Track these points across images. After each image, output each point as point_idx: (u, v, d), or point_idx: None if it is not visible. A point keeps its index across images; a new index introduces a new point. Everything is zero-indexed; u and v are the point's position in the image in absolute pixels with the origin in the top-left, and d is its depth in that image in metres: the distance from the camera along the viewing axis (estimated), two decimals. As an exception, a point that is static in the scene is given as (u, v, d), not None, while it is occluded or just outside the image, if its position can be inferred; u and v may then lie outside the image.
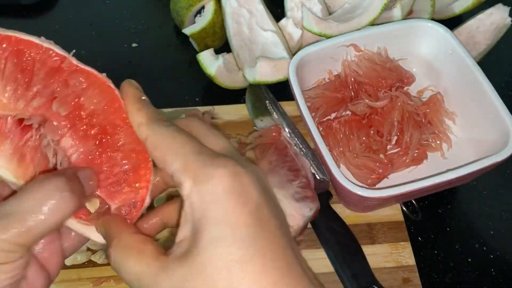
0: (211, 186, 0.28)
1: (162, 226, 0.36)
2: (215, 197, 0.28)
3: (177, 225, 0.30)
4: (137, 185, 0.34)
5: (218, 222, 0.27)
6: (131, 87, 0.34)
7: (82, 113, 0.34)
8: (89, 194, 0.33)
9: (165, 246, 0.30)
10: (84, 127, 0.34)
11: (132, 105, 0.33)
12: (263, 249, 0.27)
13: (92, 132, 0.34)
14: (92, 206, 0.34)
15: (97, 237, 0.34)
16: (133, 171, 0.34)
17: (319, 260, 0.54)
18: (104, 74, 0.34)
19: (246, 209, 0.28)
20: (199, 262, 0.27)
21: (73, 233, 0.35)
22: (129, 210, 0.34)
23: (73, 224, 0.34)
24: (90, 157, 0.34)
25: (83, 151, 0.34)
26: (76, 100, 0.34)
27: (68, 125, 0.34)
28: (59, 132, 0.34)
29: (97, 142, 0.34)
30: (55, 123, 0.33)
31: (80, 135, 0.34)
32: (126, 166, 0.34)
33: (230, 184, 0.28)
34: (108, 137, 0.34)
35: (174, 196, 0.56)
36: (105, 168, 0.34)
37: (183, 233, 0.29)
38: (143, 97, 0.33)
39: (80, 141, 0.34)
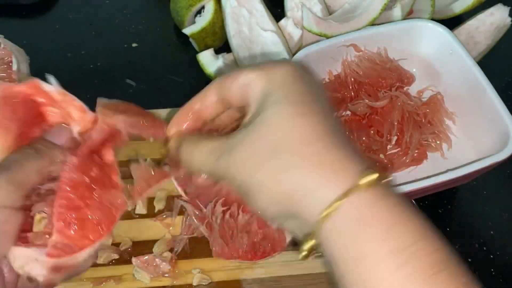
0: (278, 70, 0.33)
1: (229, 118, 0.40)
2: (281, 76, 0.33)
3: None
4: (90, 236, 0.36)
5: (280, 90, 0.32)
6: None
7: None
8: None
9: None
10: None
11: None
12: (315, 110, 0.32)
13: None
14: (38, 225, 0.36)
15: (35, 270, 0.35)
16: (94, 224, 0.36)
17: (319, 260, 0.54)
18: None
19: (303, 83, 0.33)
20: (259, 119, 0.32)
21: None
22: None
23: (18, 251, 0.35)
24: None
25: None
26: None
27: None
28: None
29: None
30: None
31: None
32: (91, 217, 0.36)
33: (293, 68, 0.34)
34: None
35: (174, 197, 0.56)
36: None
37: (248, 116, 0.34)
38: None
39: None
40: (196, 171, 0.36)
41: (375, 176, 0.29)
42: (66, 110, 0.39)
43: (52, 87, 0.39)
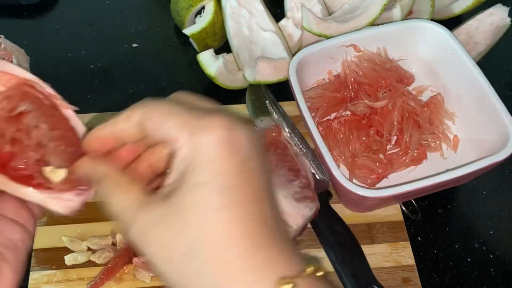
0: (205, 135, 0.29)
1: (150, 171, 0.35)
2: (206, 146, 0.28)
3: (161, 174, 0.32)
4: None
5: (203, 169, 0.28)
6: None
7: None
8: None
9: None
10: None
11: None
12: (241, 201, 0.28)
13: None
14: (56, 175, 0.35)
15: (55, 206, 0.35)
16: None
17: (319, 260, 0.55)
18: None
19: (234, 160, 0.28)
20: (178, 203, 0.28)
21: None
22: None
23: (31, 194, 0.35)
24: None
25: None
26: None
27: None
28: None
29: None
30: None
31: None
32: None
33: (224, 135, 0.29)
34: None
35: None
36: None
37: (170, 179, 0.30)
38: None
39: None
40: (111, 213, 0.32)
41: (296, 281, 0.26)
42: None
43: None
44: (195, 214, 0.28)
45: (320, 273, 0.28)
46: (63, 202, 0.35)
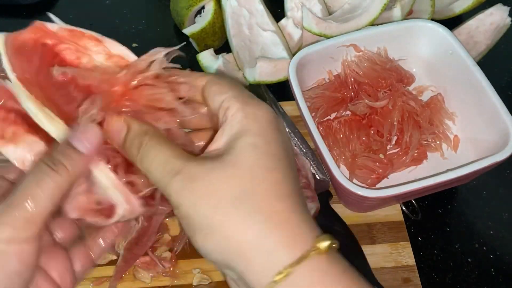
0: (258, 111, 0.32)
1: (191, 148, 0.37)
2: (258, 119, 0.32)
3: (205, 147, 0.33)
4: None
5: (256, 134, 0.31)
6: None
7: None
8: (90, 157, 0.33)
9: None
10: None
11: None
12: (285, 167, 0.31)
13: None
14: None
15: (122, 206, 0.33)
16: None
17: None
18: None
19: (279, 135, 0.32)
20: (233, 158, 0.30)
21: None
22: None
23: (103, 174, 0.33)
24: None
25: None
26: None
27: None
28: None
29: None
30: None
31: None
32: None
33: (272, 114, 0.33)
34: None
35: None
36: None
37: (217, 144, 0.32)
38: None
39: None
40: (146, 173, 0.32)
41: (328, 243, 0.29)
42: (81, 45, 0.37)
43: (56, 26, 0.36)
44: (249, 168, 0.30)
45: (335, 245, 0.30)
46: (133, 202, 0.34)
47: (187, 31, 0.68)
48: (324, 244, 0.29)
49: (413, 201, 0.59)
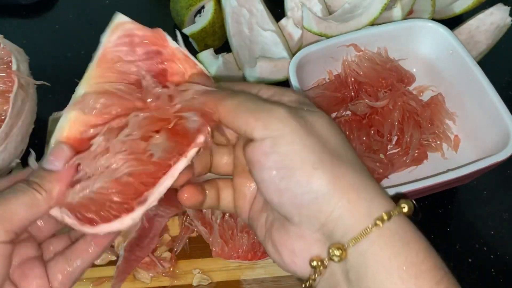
0: (317, 116, 0.33)
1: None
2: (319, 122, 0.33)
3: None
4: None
5: (295, 135, 0.32)
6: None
7: None
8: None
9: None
10: None
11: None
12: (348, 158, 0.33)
13: None
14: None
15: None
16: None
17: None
18: None
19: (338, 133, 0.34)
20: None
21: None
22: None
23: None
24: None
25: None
26: None
27: None
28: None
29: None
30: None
31: None
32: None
33: (328, 119, 0.34)
34: None
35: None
36: None
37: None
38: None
39: None
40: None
41: (411, 205, 0.33)
42: (188, 74, 0.36)
43: (176, 44, 0.36)
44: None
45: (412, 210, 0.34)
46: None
47: (187, 31, 0.68)
48: (410, 204, 0.33)
49: (413, 201, 0.59)
